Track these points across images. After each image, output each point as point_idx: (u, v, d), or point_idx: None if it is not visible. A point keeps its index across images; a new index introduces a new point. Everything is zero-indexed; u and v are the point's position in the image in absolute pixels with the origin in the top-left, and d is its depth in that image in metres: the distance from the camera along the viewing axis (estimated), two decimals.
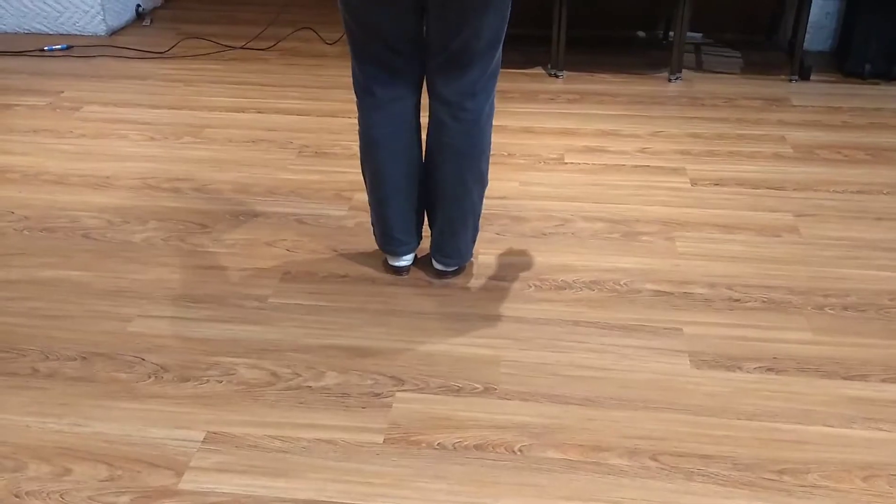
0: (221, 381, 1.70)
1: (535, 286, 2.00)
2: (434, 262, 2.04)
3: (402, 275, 2.06)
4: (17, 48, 3.66)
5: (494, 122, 2.09)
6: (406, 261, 2.05)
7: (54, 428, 1.58)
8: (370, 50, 1.79)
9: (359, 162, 1.99)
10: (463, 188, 1.89)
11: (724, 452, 1.53)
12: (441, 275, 2.04)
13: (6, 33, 3.87)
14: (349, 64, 1.94)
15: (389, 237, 2.01)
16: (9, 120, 2.93)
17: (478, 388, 1.68)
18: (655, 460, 1.50)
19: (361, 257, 2.13)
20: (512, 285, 2.01)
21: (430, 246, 2.03)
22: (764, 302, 1.94)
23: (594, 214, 2.33)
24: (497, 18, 1.77)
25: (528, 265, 2.09)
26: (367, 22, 1.75)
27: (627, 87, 3.25)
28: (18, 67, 3.46)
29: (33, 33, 3.86)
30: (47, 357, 1.77)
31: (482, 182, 1.93)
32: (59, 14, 3.82)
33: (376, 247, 2.12)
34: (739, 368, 1.73)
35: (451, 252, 2.00)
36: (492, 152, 2.68)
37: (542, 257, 2.13)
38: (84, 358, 1.77)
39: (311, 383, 1.70)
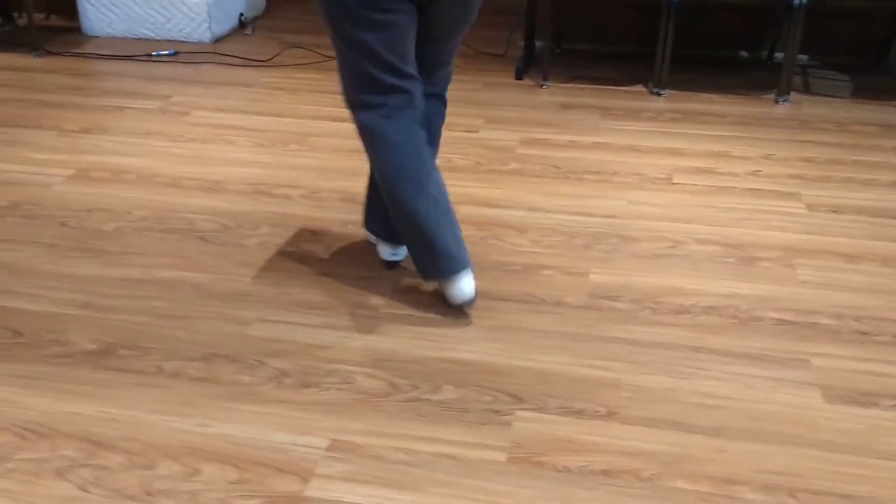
0: (341, 389, 1.71)
1: (651, 309, 1.96)
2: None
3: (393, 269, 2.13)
4: (126, 52, 3.79)
5: (597, 140, 2.10)
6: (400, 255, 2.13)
7: (181, 427, 1.61)
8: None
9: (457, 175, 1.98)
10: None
11: (863, 493, 1.46)
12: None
13: (115, 38, 4.02)
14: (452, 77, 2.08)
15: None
16: (122, 122, 3.03)
17: (600, 411, 1.65)
18: (794, 497, 1.44)
19: None
20: (627, 307, 1.97)
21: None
22: (895, 336, 1.86)
23: (707, 237, 2.27)
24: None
25: (641, 287, 2.05)
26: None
27: (733, 107, 3.18)
28: (128, 71, 3.58)
29: (141, 38, 4.00)
30: (171, 356, 1.81)
31: None
32: (166, 20, 3.95)
33: (484, 261, 2.12)
34: (875, 405, 1.66)
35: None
36: (598, 170, 2.67)
37: (656, 279, 2.08)
38: (206, 359, 1.80)
39: (428, 396, 1.70)
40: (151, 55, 3.77)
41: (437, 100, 2.02)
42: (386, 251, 2.12)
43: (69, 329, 1.88)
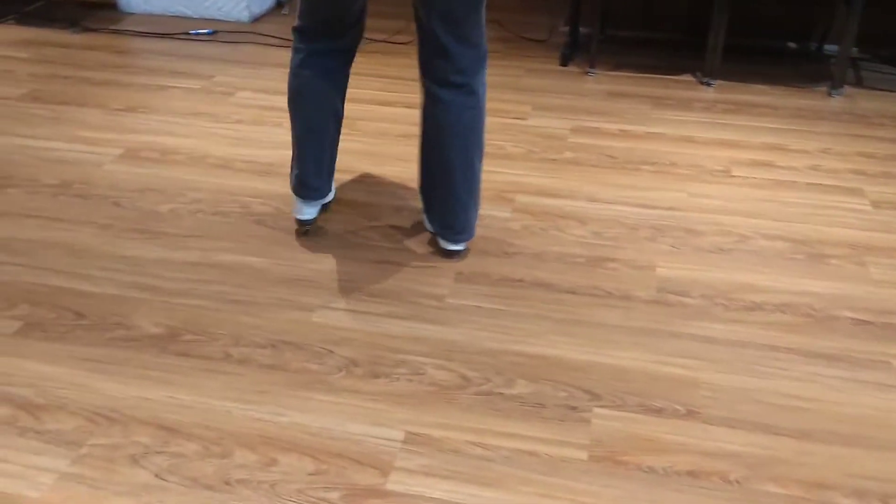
0: (412, 381, 1.68)
1: (723, 305, 1.92)
2: (444, 244, 2.08)
3: (305, 229, 2.17)
4: (164, 30, 3.74)
5: (650, 130, 2.20)
6: (311, 214, 2.16)
7: (255, 415, 1.58)
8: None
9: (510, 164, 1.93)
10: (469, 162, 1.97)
11: None
12: (452, 254, 2.09)
13: (152, 14, 3.96)
14: (490, 62, 2.07)
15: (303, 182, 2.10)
16: (167, 101, 2.99)
17: (679, 409, 1.62)
18: None
19: (532, 261, 2.09)
20: (697, 302, 1.93)
21: (436, 230, 2.08)
22: None
23: (773, 232, 2.22)
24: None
25: (711, 282, 2.01)
26: None
27: (786, 99, 3.12)
28: (168, 49, 3.54)
29: (178, 16, 3.94)
30: (238, 342, 1.78)
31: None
32: None
33: (547, 252, 2.08)
34: None
35: (463, 227, 2.05)
36: (654, 161, 2.62)
37: (725, 274, 2.04)
38: (273, 346, 1.77)
39: (502, 390, 1.66)
40: (189, 33, 3.72)
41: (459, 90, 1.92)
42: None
43: (133, 312, 1.85)
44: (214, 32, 3.74)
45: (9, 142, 2.63)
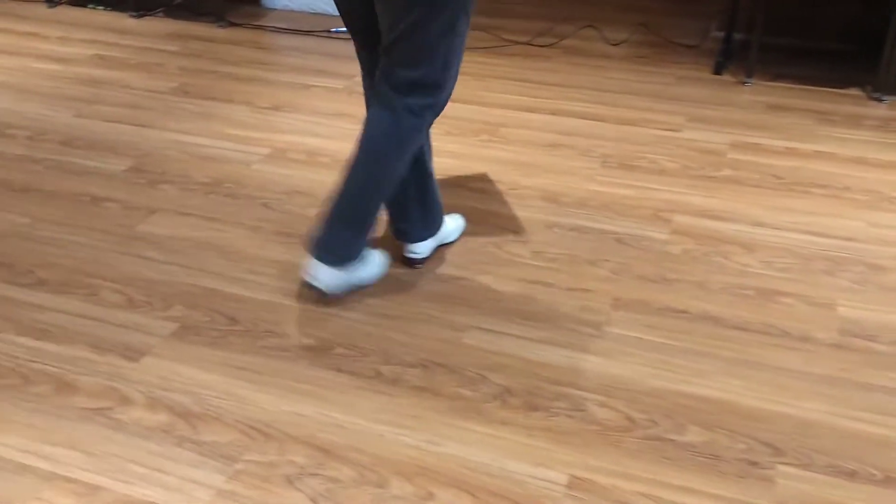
0: (572, 417, 1.58)
1: None
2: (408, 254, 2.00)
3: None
4: (306, 27, 3.76)
5: (818, 148, 2.09)
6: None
7: (409, 442, 1.51)
8: None
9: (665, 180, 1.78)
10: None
11: None
12: (415, 263, 2.01)
13: (294, 11, 4.00)
14: (637, 67, 1.81)
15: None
16: (310, 101, 2.99)
17: (875, 474, 1.44)
18: None
19: (696, 291, 1.94)
20: (888, 349, 1.74)
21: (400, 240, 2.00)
22: None
23: None
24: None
25: None
26: None
27: None
28: (309, 47, 3.55)
29: (320, 14, 3.97)
30: (388, 360, 1.72)
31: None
32: None
33: (711, 281, 1.93)
34: None
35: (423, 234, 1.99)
36: (824, 183, 2.41)
37: None
38: (425, 366, 1.70)
39: (672, 436, 1.53)
40: (331, 31, 3.73)
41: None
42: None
43: (284, 320, 1.83)
44: None
45: (162, 136, 2.69)
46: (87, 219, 2.21)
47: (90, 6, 4.02)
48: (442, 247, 2.10)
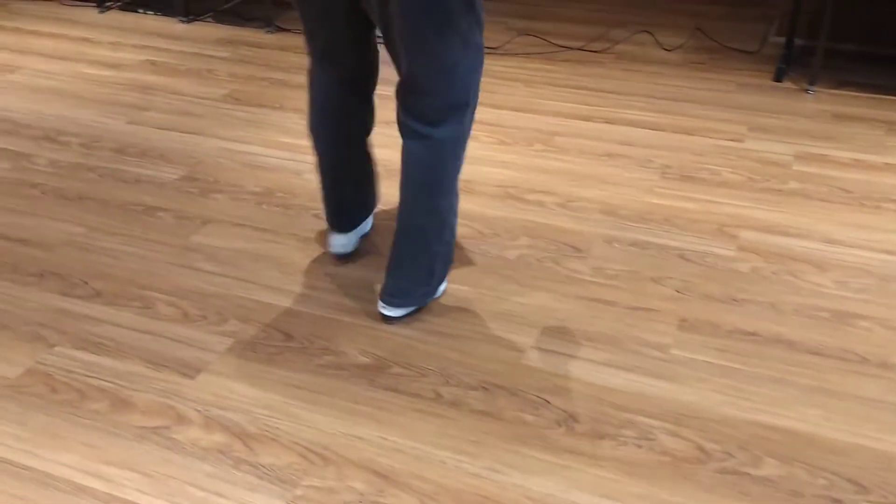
0: (641, 447, 1.51)
1: None
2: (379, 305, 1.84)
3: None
4: None
5: (889, 161, 1.94)
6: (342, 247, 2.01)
7: (470, 469, 1.46)
8: None
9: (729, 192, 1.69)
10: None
11: None
12: (386, 319, 1.83)
13: None
14: (694, 74, 1.73)
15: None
16: None
17: None
18: None
19: (767, 312, 1.85)
20: None
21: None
22: None
23: None
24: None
25: None
26: None
27: None
28: None
29: None
30: (447, 381, 1.67)
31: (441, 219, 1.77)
32: None
33: (782, 302, 1.84)
34: None
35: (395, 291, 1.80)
36: (878, 196, 2.30)
37: None
38: (485, 388, 1.65)
39: (748, 469, 1.46)
40: (378, 37, 3.69)
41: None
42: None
43: (339, 337, 1.79)
44: None
45: (214, 144, 2.67)
46: (140, 229, 2.20)
47: (140, 11, 4.04)
48: (499, 262, 2.04)
